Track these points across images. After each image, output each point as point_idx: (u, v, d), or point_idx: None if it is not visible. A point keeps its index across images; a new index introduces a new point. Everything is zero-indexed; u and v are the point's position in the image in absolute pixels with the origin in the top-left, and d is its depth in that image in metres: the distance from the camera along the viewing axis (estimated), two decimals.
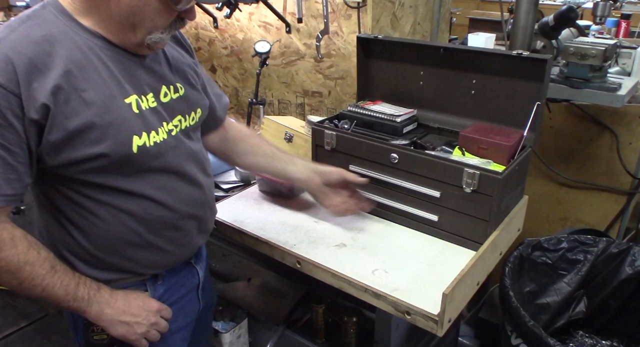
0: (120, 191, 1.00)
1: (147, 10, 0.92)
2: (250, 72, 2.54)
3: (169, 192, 1.06)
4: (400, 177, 1.35)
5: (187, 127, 1.12)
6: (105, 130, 0.93)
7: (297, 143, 1.67)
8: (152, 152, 1.01)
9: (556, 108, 2.02)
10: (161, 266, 1.13)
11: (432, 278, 1.18)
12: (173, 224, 1.08)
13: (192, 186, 1.11)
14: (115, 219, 1.01)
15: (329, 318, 1.48)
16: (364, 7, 1.93)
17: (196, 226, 1.14)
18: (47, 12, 0.94)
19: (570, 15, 1.83)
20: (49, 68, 0.89)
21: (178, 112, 1.09)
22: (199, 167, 1.13)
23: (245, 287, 1.64)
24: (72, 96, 0.90)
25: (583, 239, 1.81)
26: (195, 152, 1.13)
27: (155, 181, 1.04)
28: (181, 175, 1.08)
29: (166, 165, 1.05)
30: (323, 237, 1.34)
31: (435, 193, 1.29)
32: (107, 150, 0.94)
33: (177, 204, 1.07)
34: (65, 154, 0.92)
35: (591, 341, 1.87)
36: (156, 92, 1.04)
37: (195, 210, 1.12)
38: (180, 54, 1.15)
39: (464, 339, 2.20)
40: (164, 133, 1.04)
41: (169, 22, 0.96)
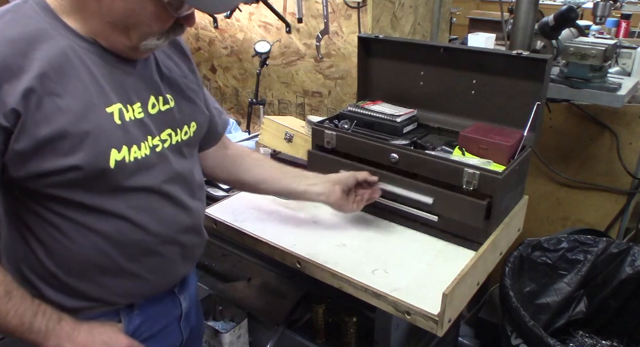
0: (92, 209, 0.90)
1: (143, 14, 0.85)
2: (250, 72, 2.54)
3: (148, 213, 0.95)
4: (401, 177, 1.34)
5: (179, 143, 1.01)
6: (79, 140, 0.84)
7: (297, 143, 1.67)
8: (131, 169, 0.91)
9: (556, 108, 2.02)
10: (137, 295, 1.01)
11: (432, 278, 1.18)
12: (152, 249, 0.98)
13: (178, 208, 1.00)
14: (86, 240, 0.91)
15: (329, 318, 1.48)
16: (364, 7, 1.93)
17: (179, 252, 1.03)
18: (28, 8, 0.85)
19: (570, 15, 1.83)
20: (23, 70, 0.80)
21: (167, 126, 0.99)
22: (185, 189, 1.02)
23: (245, 287, 1.64)
24: (44, 101, 0.81)
25: (583, 239, 1.81)
26: (183, 172, 1.02)
27: (133, 200, 0.93)
28: (164, 195, 0.97)
29: (147, 184, 0.94)
30: (323, 237, 1.34)
31: (428, 200, 1.27)
32: (80, 162, 0.84)
33: (157, 226, 0.97)
34: (33, 165, 0.83)
35: (591, 341, 1.87)
36: (144, 102, 0.95)
37: (179, 235, 1.01)
38: (175, 64, 1.05)
39: (464, 339, 2.20)
40: (146, 148, 0.94)
41: (166, 27, 0.89)
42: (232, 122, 2.05)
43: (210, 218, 1.42)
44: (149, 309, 1.05)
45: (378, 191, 1.33)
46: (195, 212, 1.06)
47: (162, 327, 1.09)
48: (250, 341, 1.57)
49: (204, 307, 1.55)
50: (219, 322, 1.57)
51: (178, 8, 0.87)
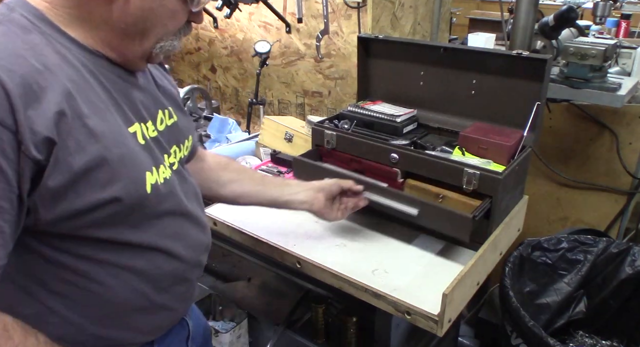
0: (125, 245, 0.81)
1: (162, 12, 0.77)
2: (250, 72, 2.54)
3: (178, 238, 0.89)
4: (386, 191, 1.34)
5: (182, 159, 0.96)
6: (116, 167, 0.74)
7: (297, 143, 1.67)
8: (164, 192, 0.84)
9: (556, 108, 2.02)
10: (163, 328, 0.95)
11: (432, 278, 1.18)
12: (183, 276, 0.92)
13: (198, 228, 0.96)
14: (118, 281, 0.82)
15: (329, 318, 1.48)
16: (364, 7, 1.93)
17: (198, 274, 0.99)
18: (18, 17, 0.71)
19: (570, 15, 1.83)
20: (44, 89, 0.67)
21: (174, 142, 0.92)
22: (199, 205, 0.99)
23: (245, 287, 1.64)
24: (75, 125, 0.70)
25: (583, 239, 1.81)
26: (195, 187, 0.98)
27: (166, 227, 0.87)
28: (188, 216, 0.92)
29: (176, 206, 0.88)
30: (323, 237, 1.34)
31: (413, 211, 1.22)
32: (119, 193, 0.75)
33: (187, 251, 0.91)
34: (67, 204, 0.71)
35: (591, 341, 1.87)
36: (154, 118, 0.88)
37: (201, 256, 0.98)
38: (164, 76, 1.00)
39: (464, 339, 2.20)
40: (167, 168, 0.87)
41: (180, 26, 0.82)
42: (232, 122, 2.05)
43: (210, 218, 1.42)
44: (164, 340, 0.98)
45: (364, 200, 1.28)
46: (208, 228, 1.02)
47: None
48: (250, 341, 1.57)
49: (204, 307, 1.55)
50: (219, 322, 1.57)
51: (194, 0, 0.80)
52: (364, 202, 1.29)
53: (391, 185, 1.34)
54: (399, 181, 1.36)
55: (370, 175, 1.40)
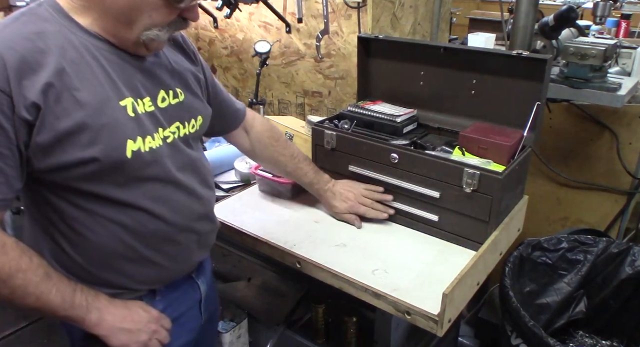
0: (112, 201, 0.94)
1: (145, 6, 0.88)
2: (250, 72, 2.54)
3: (165, 203, 1.00)
4: (400, 177, 1.35)
5: (187, 135, 1.06)
6: (97, 132, 0.88)
7: (297, 143, 1.67)
8: (147, 159, 0.95)
9: (556, 108, 2.02)
10: (158, 281, 1.07)
11: (432, 278, 1.18)
12: (170, 237, 1.03)
13: (191, 197, 1.05)
14: (107, 232, 0.96)
15: (329, 318, 1.48)
16: (364, 7, 1.93)
17: (195, 240, 1.09)
18: (43, 10, 0.90)
19: (570, 15, 1.83)
20: (41, 65, 0.85)
21: (176, 119, 1.04)
22: (197, 178, 1.08)
23: (245, 287, 1.64)
24: (63, 95, 0.86)
25: (583, 239, 1.81)
26: (194, 162, 1.08)
27: (151, 190, 0.98)
28: (178, 185, 1.02)
29: (162, 173, 0.99)
30: (323, 237, 1.34)
31: (435, 193, 1.29)
32: (98, 154, 0.88)
33: (175, 216, 1.02)
34: (54, 158, 0.87)
35: (591, 341, 1.87)
36: (153, 96, 1.00)
37: (194, 223, 1.07)
38: (179, 59, 1.10)
39: (464, 339, 2.20)
40: (159, 140, 0.98)
41: (168, 20, 0.92)
42: None
43: None
44: (170, 295, 1.10)
45: (385, 214, 1.39)
46: (207, 199, 1.10)
47: (184, 311, 1.14)
48: (250, 341, 1.57)
49: None
50: (219, 322, 1.57)
51: (180, 0, 0.90)
52: (385, 215, 1.39)
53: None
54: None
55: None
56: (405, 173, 1.34)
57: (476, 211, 1.25)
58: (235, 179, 1.73)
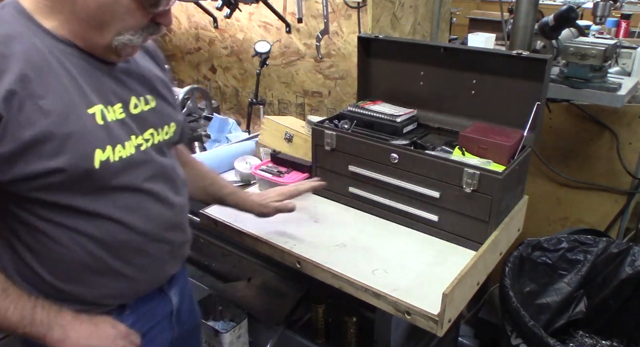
0: (80, 212, 0.90)
1: (118, 9, 0.84)
2: (250, 72, 2.54)
3: (135, 212, 0.96)
4: (400, 177, 1.35)
5: (160, 142, 1.03)
6: (63, 142, 0.84)
7: (297, 143, 1.67)
8: (117, 168, 0.91)
9: (556, 108, 2.02)
10: (128, 295, 1.02)
11: (432, 278, 1.18)
12: (140, 248, 0.98)
13: (163, 205, 1.01)
14: (75, 243, 0.91)
15: (329, 318, 1.48)
16: (364, 7, 1.93)
17: (168, 250, 1.04)
18: (5, 13, 0.85)
19: (570, 15, 1.83)
20: (3, 72, 0.80)
21: (150, 125, 1.00)
22: (170, 186, 1.03)
23: (245, 287, 1.64)
24: (27, 103, 0.81)
25: (583, 239, 1.81)
26: (167, 170, 1.04)
27: (120, 200, 0.94)
28: (150, 194, 0.98)
29: (133, 182, 0.95)
30: (323, 237, 1.34)
31: (435, 193, 1.29)
32: (64, 164, 0.84)
33: (145, 225, 0.97)
34: (18, 169, 0.82)
35: (591, 341, 1.87)
36: (125, 103, 0.96)
37: (166, 232, 1.02)
38: (150, 66, 1.06)
39: (464, 339, 2.20)
40: (131, 147, 0.94)
41: (141, 24, 0.88)
42: (232, 122, 2.05)
43: (211, 218, 1.42)
44: (140, 309, 1.06)
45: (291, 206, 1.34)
46: (180, 208, 1.06)
47: (154, 325, 1.10)
48: (250, 341, 1.57)
49: (203, 307, 1.55)
50: (219, 322, 1.57)
51: (154, 4, 0.86)
52: (315, 183, 1.39)
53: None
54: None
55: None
56: (405, 173, 1.34)
57: (476, 211, 1.25)
58: (236, 179, 1.73)
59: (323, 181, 1.42)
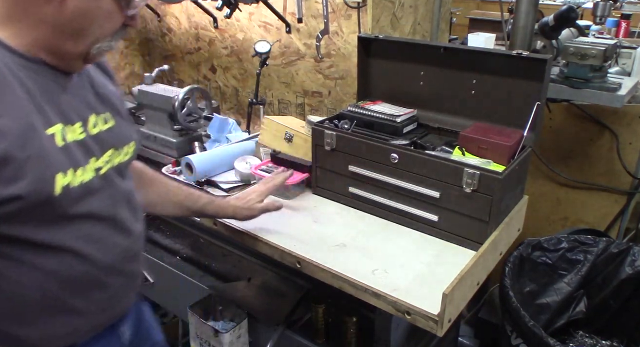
0: (34, 245, 0.82)
1: (99, 14, 0.79)
2: (250, 72, 2.54)
3: (95, 242, 0.89)
4: (400, 177, 1.35)
5: (120, 164, 0.96)
6: (21, 166, 0.75)
7: (297, 143, 1.67)
8: (77, 194, 0.84)
9: (556, 108, 2.02)
10: (81, 334, 0.94)
11: (432, 278, 1.18)
12: (98, 281, 0.91)
13: (123, 235, 0.95)
14: (27, 279, 0.83)
15: (329, 318, 1.47)
16: (364, 7, 1.92)
17: (124, 282, 0.98)
18: None
19: (570, 15, 1.83)
20: None
21: (109, 146, 0.93)
22: (131, 212, 0.98)
23: (245, 287, 1.64)
24: None
25: (583, 239, 1.81)
26: (127, 194, 0.97)
27: (80, 229, 0.86)
28: (111, 222, 0.92)
29: (93, 210, 0.88)
30: (323, 237, 1.34)
31: (435, 193, 1.29)
32: (22, 191, 0.75)
33: (106, 257, 0.91)
34: None
35: (591, 341, 1.87)
36: (84, 121, 0.88)
37: (126, 264, 0.97)
38: (106, 82, 1.00)
39: (464, 339, 2.20)
40: (91, 171, 0.87)
41: (117, 28, 0.84)
42: (232, 122, 2.05)
43: None
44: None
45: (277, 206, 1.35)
46: (138, 236, 1.01)
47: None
48: (250, 341, 1.57)
49: (204, 307, 1.55)
50: (219, 322, 1.57)
51: (130, 5, 0.83)
52: (290, 171, 1.41)
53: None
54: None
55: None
56: (405, 173, 1.34)
57: (476, 211, 1.25)
58: (236, 179, 1.73)
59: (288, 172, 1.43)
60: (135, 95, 2.13)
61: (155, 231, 1.98)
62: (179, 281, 1.71)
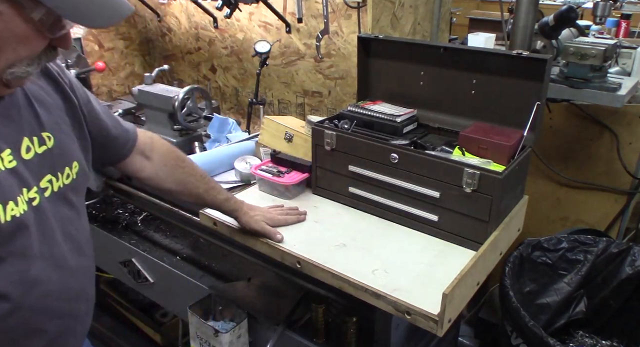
0: None
1: (9, 37, 0.70)
2: (250, 72, 2.54)
3: (29, 286, 0.79)
4: (400, 177, 1.35)
5: (61, 189, 0.87)
6: None
7: (297, 143, 1.67)
8: (8, 231, 0.75)
9: (556, 108, 2.02)
10: None
11: (432, 278, 1.18)
12: (36, 328, 0.82)
13: (64, 274, 0.85)
14: None
15: (329, 318, 1.47)
16: (364, 7, 1.93)
17: (70, 325, 0.89)
18: None
19: (570, 15, 1.83)
20: None
21: (47, 171, 0.84)
22: (73, 246, 0.88)
23: (245, 287, 1.64)
24: None
25: (583, 239, 1.81)
26: (72, 226, 0.88)
27: (11, 272, 0.77)
28: (46, 260, 0.82)
29: (26, 248, 0.79)
30: (323, 237, 1.34)
31: (435, 193, 1.29)
32: None
33: (43, 301, 0.82)
34: None
35: (591, 341, 1.87)
36: (15, 147, 0.79)
37: (68, 305, 0.87)
38: (48, 95, 0.90)
39: (464, 339, 2.20)
40: (23, 204, 0.78)
41: (37, 52, 0.75)
42: (232, 122, 2.05)
43: (210, 218, 1.42)
44: None
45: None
46: (83, 272, 0.92)
47: None
48: (250, 341, 1.57)
49: (204, 307, 1.55)
50: (219, 322, 1.57)
51: (54, 27, 0.73)
52: (303, 217, 1.40)
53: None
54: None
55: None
56: (405, 173, 1.34)
57: (476, 211, 1.25)
58: (235, 179, 1.73)
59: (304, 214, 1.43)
60: (135, 95, 2.13)
61: (155, 231, 1.98)
62: (179, 281, 1.71)
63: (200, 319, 1.50)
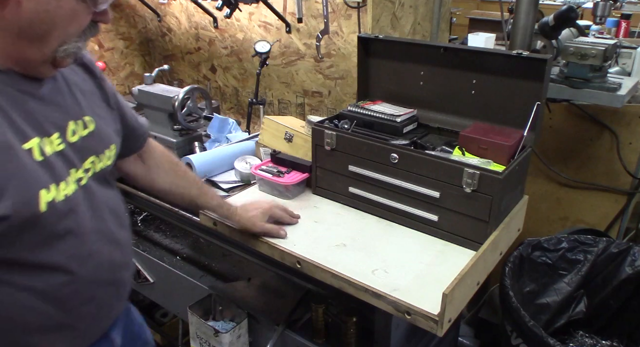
0: (22, 266, 0.79)
1: (60, 14, 0.73)
2: (250, 72, 2.54)
3: (85, 259, 0.87)
4: (400, 177, 1.35)
5: (103, 170, 0.93)
6: (3, 186, 0.72)
7: (297, 143, 1.67)
8: (64, 210, 0.81)
9: (556, 108, 2.02)
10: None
11: (432, 278, 1.18)
12: (90, 296, 0.90)
13: (112, 246, 0.93)
14: (11, 300, 0.80)
15: (329, 318, 1.47)
16: (364, 7, 1.93)
17: (114, 292, 0.97)
18: None
19: (570, 15, 1.83)
20: None
21: (90, 153, 0.90)
22: (117, 221, 0.95)
23: (245, 287, 1.64)
24: None
25: (583, 239, 1.81)
26: (112, 202, 0.95)
27: (68, 247, 0.83)
28: (97, 235, 0.89)
29: (80, 224, 0.85)
30: (323, 237, 1.34)
31: (435, 193, 1.29)
32: (7, 211, 0.72)
33: (96, 272, 0.89)
34: None
35: (591, 341, 1.87)
36: (62, 130, 0.84)
37: (115, 275, 0.95)
38: (83, 79, 0.95)
39: (464, 339, 2.20)
40: (73, 184, 0.84)
41: (83, 27, 0.78)
42: (232, 122, 2.05)
43: (210, 218, 1.42)
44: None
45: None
46: (126, 244, 0.99)
47: None
48: (250, 341, 1.57)
49: (204, 307, 1.55)
50: (219, 322, 1.57)
51: (98, 1, 0.77)
52: (296, 221, 1.38)
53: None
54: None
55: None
56: (405, 173, 1.34)
57: (476, 210, 1.25)
58: (235, 179, 1.73)
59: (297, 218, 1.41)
60: (135, 95, 2.13)
61: (155, 231, 1.98)
62: (179, 281, 1.71)
63: (200, 319, 1.50)
